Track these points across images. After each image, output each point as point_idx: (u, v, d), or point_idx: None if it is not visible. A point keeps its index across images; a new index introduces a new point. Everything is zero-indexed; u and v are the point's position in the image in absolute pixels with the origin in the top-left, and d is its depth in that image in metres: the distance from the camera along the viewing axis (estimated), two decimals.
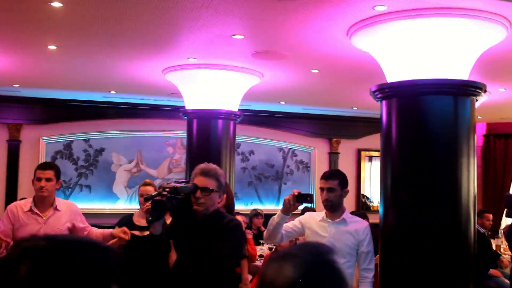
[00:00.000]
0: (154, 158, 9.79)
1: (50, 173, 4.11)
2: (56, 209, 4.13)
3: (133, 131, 9.68)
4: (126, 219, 4.88)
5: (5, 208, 9.15)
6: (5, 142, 9.16)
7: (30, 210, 4.04)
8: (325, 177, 3.92)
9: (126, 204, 9.60)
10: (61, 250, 1.09)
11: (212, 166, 3.38)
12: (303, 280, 1.26)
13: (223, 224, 3.27)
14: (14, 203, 4.21)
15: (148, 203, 3.30)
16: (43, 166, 4.20)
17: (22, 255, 1.08)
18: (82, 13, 4.54)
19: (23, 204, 4.13)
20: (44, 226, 4.00)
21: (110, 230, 4.19)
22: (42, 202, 4.09)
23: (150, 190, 4.80)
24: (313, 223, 3.94)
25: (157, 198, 3.18)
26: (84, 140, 9.47)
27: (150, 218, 3.21)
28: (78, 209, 4.34)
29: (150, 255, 4.54)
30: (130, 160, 9.67)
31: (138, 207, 9.41)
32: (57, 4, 4.28)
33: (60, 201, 4.23)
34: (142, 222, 4.60)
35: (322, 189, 3.89)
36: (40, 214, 4.06)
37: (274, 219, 3.74)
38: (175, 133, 9.78)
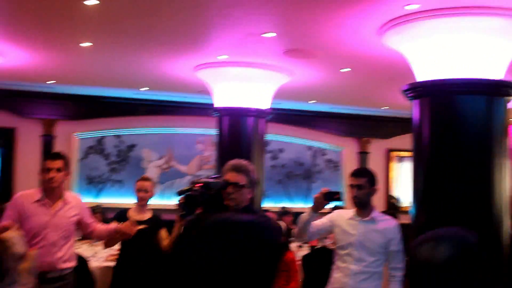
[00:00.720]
0: (185, 155, 9.89)
1: (59, 163, 3.95)
2: (65, 201, 3.98)
3: (164, 127, 9.79)
4: (121, 214, 4.85)
5: None
6: (39, 137, 9.37)
7: (39, 200, 3.87)
8: (354, 174, 3.93)
9: (157, 200, 9.69)
10: None
11: (243, 162, 3.41)
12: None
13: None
14: (21, 192, 4.00)
15: (180, 198, 3.34)
16: (52, 156, 4.03)
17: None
18: (117, 11, 4.62)
19: (30, 194, 3.93)
20: (53, 218, 3.87)
21: (114, 226, 4.12)
22: (52, 193, 3.92)
23: (147, 185, 4.83)
24: (342, 221, 3.94)
25: (189, 193, 3.21)
26: (116, 136, 9.62)
27: (182, 213, 3.25)
28: (84, 204, 4.23)
29: (146, 249, 4.59)
30: (160, 157, 9.79)
31: (168, 202, 9.65)
32: (92, 2, 4.37)
33: (68, 194, 4.10)
34: (138, 217, 4.63)
35: (351, 186, 3.90)
36: (50, 206, 3.91)
37: (304, 217, 3.76)
38: (206, 130, 9.84)
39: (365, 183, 3.84)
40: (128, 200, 9.53)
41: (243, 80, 6.57)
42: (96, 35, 5.45)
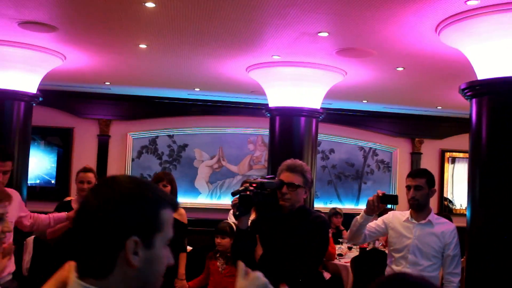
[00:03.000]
0: (235, 155, 9.96)
1: (9, 165, 3.77)
2: None
3: (216, 127, 9.89)
4: (64, 205, 4.64)
5: None
6: (96, 136, 9.64)
7: None
8: (413, 175, 3.85)
9: (207, 199, 9.83)
10: None
11: (298, 162, 3.41)
12: None
13: (310, 220, 3.29)
14: None
15: (235, 198, 3.37)
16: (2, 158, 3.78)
17: None
18: (173, 13, 4.71)
19: None
20: None
21: (63, 214, 4.06)
22: None
23: (91, 176, 4.60)
24: (397, 223, 3.88)
25: (244, 193, 3.23)
26: (169, 136, 9.79)
27: (237, 213, 3.28)
28: (20, 197, 3.98)
29: None
30: (212, 156, 9.90)
31: (218, 202, 9.76)
32: (150, 5, 4.47)
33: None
34: None
35: (408, 187, 3.81)
36: None
37: (357, 220, 3.71)
38: (256, 130, 9.90)
39: (424, 184, 3.76)
40: (180, 199, 9.69)
41: (296, 80, 6.56)
42: (152, 37, 5.56)
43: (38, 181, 9.33)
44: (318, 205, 9.14)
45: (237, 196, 3.27)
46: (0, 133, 6.31)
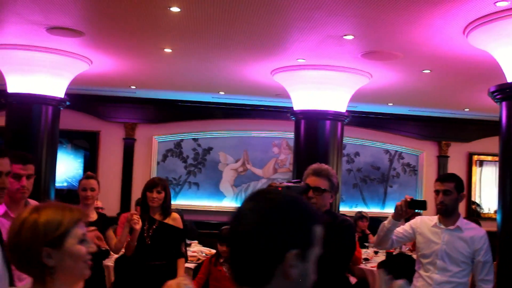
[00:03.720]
0: (260, 158, 9.96)
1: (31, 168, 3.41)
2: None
3: (240, 131, 9.90)
4: None
5: (122, 201, 9.66)
6: (121, 140, 9.74)
7: None
8: (441, 179, 3.77)
9: (232, 202, 9.84)
10: None
11: (324, 166, 3.37)
12: None
13: (336, 224, 3.25)
14: None
15: None
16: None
17: None
18: (198, 17, 4.72)
19: None
20: None
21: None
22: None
23: (94, 183, 4.44)
24: (425, 228, 3.81)
25: None
26: (194, 139, 9.83)
27: None
28: None
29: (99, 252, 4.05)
30: (236, 160, 9.91)
31: None
32: (175, 9, 4.50)
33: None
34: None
35: (437, 191, 3.74)
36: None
37: (385, 225, 3.65)
38: (281, 134, 9.87)
39: (453, 188, 3.69)
40: (205, 203, 9.74)
41: (321, 83, 6.53)
42: (177, 41, 5.59)
43: (65, 184, 9.45)
44: (343, 208, 9.07)
45: None
46: (29, 136, 6.42)
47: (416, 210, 3.80)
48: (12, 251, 1.62)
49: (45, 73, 6.39)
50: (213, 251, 6.70)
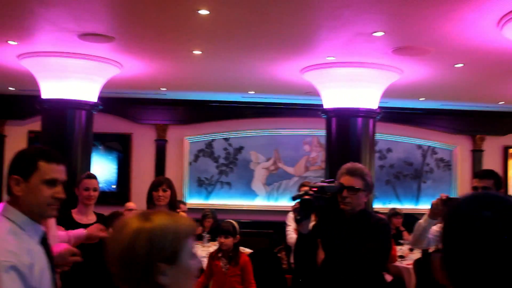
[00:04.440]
0: (291, 156, 9.94)
1: (96, 183, 4.00)
2: None
3: (271, 129, 9.90)
4: (64, 217, 3.88)
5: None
6: (153, 141, 9.85)
7: None
8: (479, 175, 3.71)
9: (264, 201, 9.85)
10: None
11: (358, 165, 3.35)
12: None
13: (371, 223, 3.24)
14: None
15: (296, 203, 3.35)
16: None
17: None
18: (227, 19, 4.75)
19: None
20: None
21: (81, 231, 3.56)
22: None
23: (96, 183, 4.22)
24: None
25: (305, 197, 3.21)
26: (225, 139, 9.88)
27: (298, 218, 3.26)
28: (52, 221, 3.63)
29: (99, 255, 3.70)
30: (268, 158, 9.91)
31: (276, 204, 9.75)
32: (204, 12, 4.52)
33: None
34: (84, 220, 4.05)
35: (475, 188, 3.67)
36: None
37: (421, 224, 3.60)
38: (312, 131, 9.83)
39: (492, 185, 3.62)
40: (237, 202, 9.77)
41: (351, 80, 6.49)
42: (207, 43, 5.62)
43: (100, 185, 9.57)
44: (376, 205, 8.98)
45: (298, 200, 3.24)
46: (64, 141, 6.54)
47: None
48: (120, 266, 1.39)
49: (78, 78, 6.51)
50: (247, 250, 6.74)
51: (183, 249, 1.40)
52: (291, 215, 6.07)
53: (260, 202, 9.84)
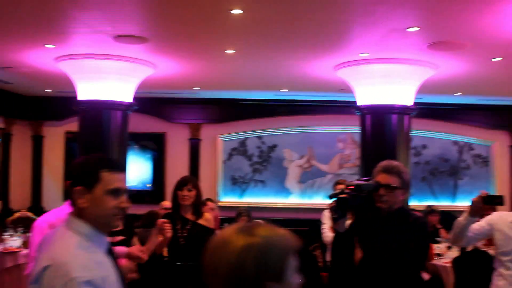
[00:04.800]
0: (325, 154, 9.90)
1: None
2: None
3: (304, 127, 9.88)
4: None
5: None
6: (187, 140, 9.94)
7: None
8: None
9: (299, 199, 9.84)
10: None
11: (395, 163, 3.31)
12: None
13: (409, 222, 3.19)
14: None
15: (332, 202, 3.33)
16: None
17: None
18: (260, 18, 4.75)
19: None
20: None
21: (124, 250, 3.44)
22: None
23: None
24: (504, 224, 3.66)
25: (341, 196, 3.19)
26: (258, 137, 9.90)
27: (335, 216, 3.24)
28: None
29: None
30: (301, 156, 9.89)
31: (310, 201, 9.73)
32: (237, 11, 4.53)
33: None
34: None
35: None
36: None
37: (460, 222, 3.55)
38: (345, 128, 9.77)
39: None
40: (271, 200, 9.78)
41: (386, 76, 6.41)
42: (240, 42, 5.64)
43: (135, 184, 9.72)
44: (412, 203, 8.86)
45: (334, 199, 3.22)
46: (101, 141, 6.66)
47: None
48: (228, 284, 1.31)
49: (113, 79, 6.61)
50: None
51: (289, 265, 1.33)
52: (326, 213, 6.04)
53: (294, 200, 9.83)
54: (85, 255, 1.79)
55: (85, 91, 6.76)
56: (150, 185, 9.92)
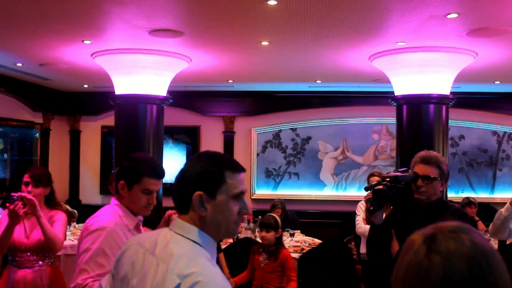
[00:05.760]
0: (360, 145, 9.81)
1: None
2: None
3: (338, 118, 9.80)
4: None
5: None
6: (221, 133, 9.98)
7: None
8: None
9: (333, 191, 9.78)
10: None
11: (433, 153, 3.25)
12: None
13: (448, 213, 3.14)
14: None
15: (369, 193, 3.30)
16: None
17: None
18: (295, 8, 4.71)
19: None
20: None
21: None
22: None
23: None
24: None
25: (378, 187, 3.15)
26: (292, 129, 9.87)
27: (371, 208, 3.20)
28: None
29: None
30: (336, 148, 9.82)
31: (344, 193, 9.66)
32: (272, 2, 4.51)
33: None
34: None
35: None
36: None
37: (502, 213, 3.47)
38: (380, 119, 9.66)
39: None
40: (305, 192, 9.76)
41: (423, 65, 6.29)
42: (275, 33, 5.61)
43: (169, 178, 9.81)
44: (449, 194, 8.71)
45: (371, 190, 3.19)
46: (136, 135, 6.74)
47: None
48: None
49: (148, 73, 6.68)
50: (317, 240, 6.71)
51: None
52: (360, 205, 5.99)
53: (328, 192, 9.78)
54: (216, 269, 1.58)
55: (121, 86, 6.85)
56: None
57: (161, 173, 2.69)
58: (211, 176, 1.66)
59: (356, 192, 9.58)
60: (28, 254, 3.67)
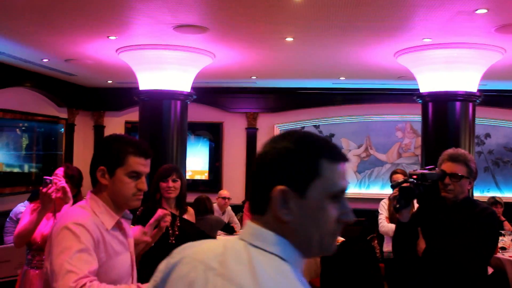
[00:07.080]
0: (383, 143, 9.72)
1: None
2: None
3: (361, 116, 9.73)
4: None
5: (247, 189, 10.00)
6: (244, 129, 9.98)
7: None
8: None
9: (356, 188, 9.72)
10: None
11: (461, 151, 3.20)
12: None
13: (476, 212, 3.09)
14: None
15: (395, 190, 3.26)
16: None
17: None
18: (320, 4, 4.67)
19: None
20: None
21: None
22: None
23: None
24: None
25: (405, 185, 3.11)
26: (315, 126, 9.83)
27: (397, 206, 3.17)
28: None
29: None
30: (359, 145, 9.76)
31: (367, 191, 9.60)
32: None
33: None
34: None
35: None
36: None
37: None
38: (404, 117, 9.56)
39: None
40: None
41: (449, 62, 6.20)
42: (298, 29, 5.58)
43: (191, 173, 9.86)
44: (475, 194, 8.58)
45: (397, 188, 3.15)
46: (160, 131, 6.78)
47: None
48: None
49: (173, 69, 6.70)
50: (339, 238, 6.68)
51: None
52: (383, 204, 5.95)
53: (351, 189, 9.71)
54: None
55: (145, 81, 6.89)
56: (207, 174, 10.03)
57: (148, 151, 2.18)
58: (300, 164, 1.17)
59: (379, 190, 9.51)
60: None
